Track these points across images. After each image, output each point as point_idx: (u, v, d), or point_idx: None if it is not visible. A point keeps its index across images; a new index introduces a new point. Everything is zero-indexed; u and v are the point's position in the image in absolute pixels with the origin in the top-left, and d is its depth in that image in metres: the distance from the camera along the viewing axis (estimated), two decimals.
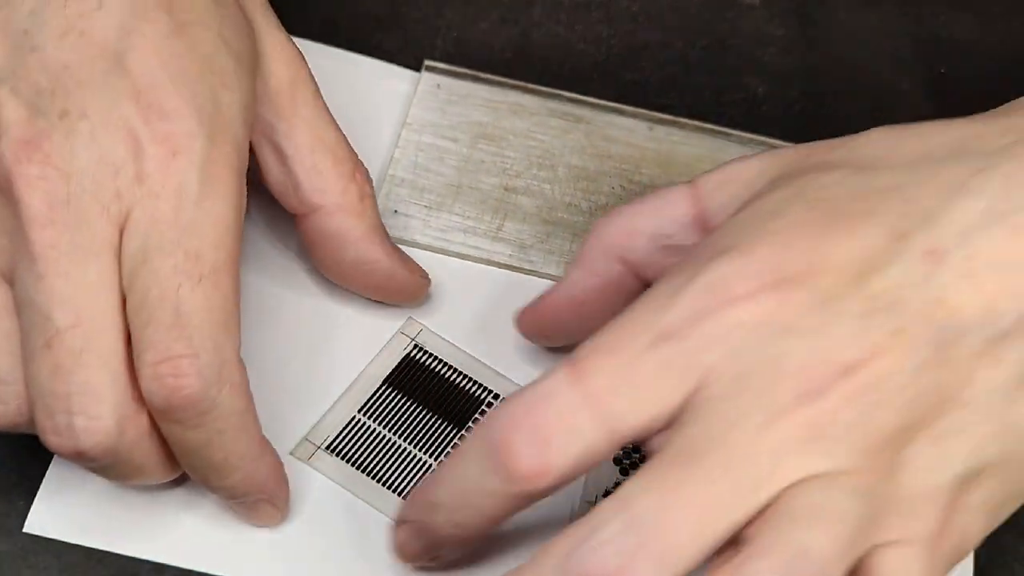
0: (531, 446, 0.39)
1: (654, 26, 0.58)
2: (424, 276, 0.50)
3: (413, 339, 0.50)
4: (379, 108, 0.55)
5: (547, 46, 0.57)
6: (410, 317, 0.51)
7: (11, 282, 0.42)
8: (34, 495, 0.47)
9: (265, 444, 0.44)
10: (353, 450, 0.48)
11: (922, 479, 0.38)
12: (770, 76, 0.57)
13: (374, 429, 0.48)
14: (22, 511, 0.47)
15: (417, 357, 0.50)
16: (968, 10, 0.58)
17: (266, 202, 0.49)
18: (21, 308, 0.41)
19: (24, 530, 0.47)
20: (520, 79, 0.56)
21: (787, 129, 0.55)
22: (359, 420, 0.49)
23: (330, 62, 0.55)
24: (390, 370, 0.49)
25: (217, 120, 0.43)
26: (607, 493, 0.47)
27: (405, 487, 0.48)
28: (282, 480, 0.45)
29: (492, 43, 0.57)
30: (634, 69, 0.57)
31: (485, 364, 0.50)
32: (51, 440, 0.41)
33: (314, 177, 0.47)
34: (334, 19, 0.57)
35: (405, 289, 0.49)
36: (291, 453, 0.48)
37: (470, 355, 0.50)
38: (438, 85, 0.55)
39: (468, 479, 0.40)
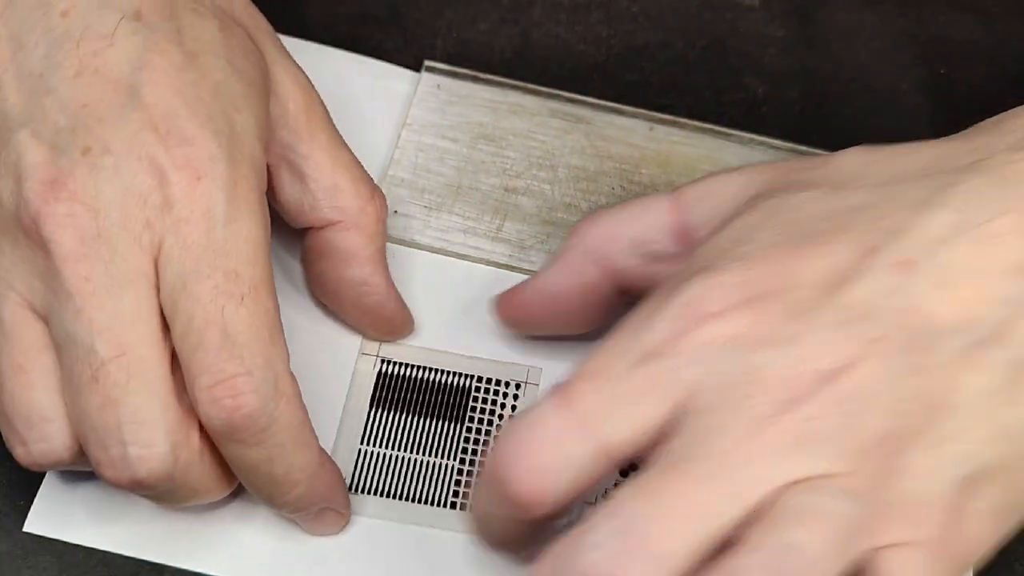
0: (527, 473, 0.39)
1: (654, 27, 0.58)
2: (411, 318, 0.50)
3: (377, 355, 0.50)
4: (379, 108, 0.55)
5: (547, 47, 0.57)
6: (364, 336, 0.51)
7: (46, 321, 0.42)
8: (34, 495, 0.47)
9: (324, 453, 0.45)
10: (375, 482, 0.48)
11: (921, 485, 0.38)
12: (770, 76, 0.57)
13: (384, 454, 0.48)
14: (22, 511, 0.47)
15: (390, 371, 0.50)
16: (968, 10, 0.58)
17: None
18: (62, 345, 0.42)
19: (24, 530, 0.47)
20: (520, 79, 0.56)
21: (787, 129, 0.55)
22: (366, 451, 0.49)
23: (330, 62, 0.55)
24: (371, 393, 0.49)
25: (234, 142, 0.43)
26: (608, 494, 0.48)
27: (435, 495, 0.48)
28: (343, 485, 0.46)
29: (492, 43, 0.57)
30: (634, 70, 0.57)
31: (456, 353, 0.50)
32: (107, 473, 0.42)
33: (333, 195, 0.48)
34: (334, 19, 0.57)
35: (392, 321, 0.50)
36: None
37: (437, 350, 0.50)
38: (438, 85, 0.55)
39: (483, 505, 0.42)
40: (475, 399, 0.49)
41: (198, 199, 0.42)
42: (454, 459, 0.48)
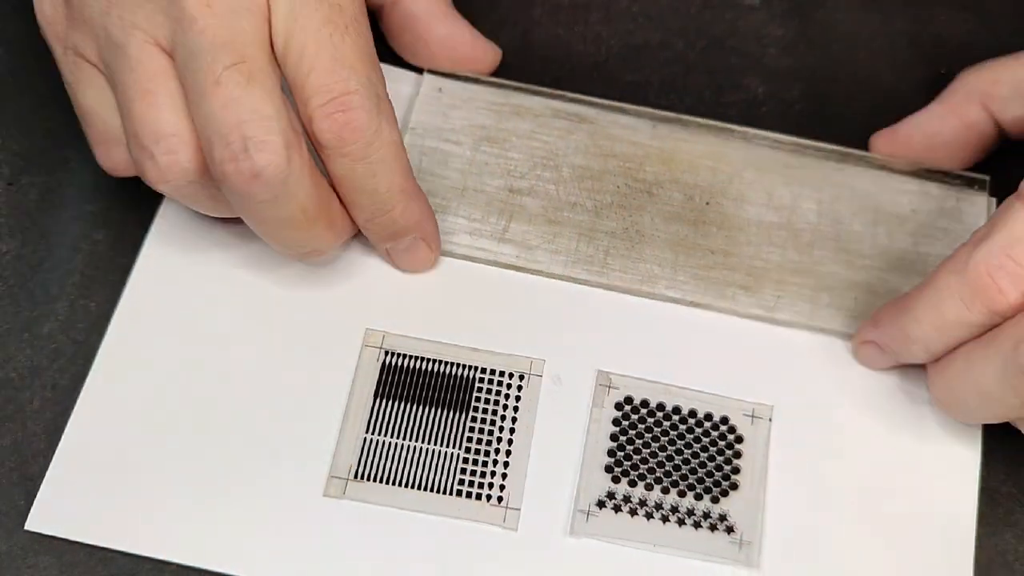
0: (1013, 282, 0.45)
1: (654, 27, 0.58)
2: (495, 48, 0.56)
3: (380, 346, 0.50)
4: None
5: (547, 47, 0.57)
6: (367, 328, 0.51)
7: (171, 55, 0.46)
8: (34, 495, 0.47)
9: (418, 185, 0.50)
10: (380, 469, 0.48)
11: None
12: (770, 76, 0.57)
13: (389, 443, 0.49)
14: (22, 511, 0.47)
15: (393, 362, 0.50)
16: (968, 10, 0.59)
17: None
18: (186, 65, 0.45)
19: (26, 528, 0.46)
20: (520, 80, 0.56)
21: (787, 129, 0.55)
22: (371, 440, 0.49)
23: None
24: (375, 384, 0.50)
25: None
26: (600, 503, 0.48)
27: (441, 483, 0.48)
28: (434, 219, 0.51)
29: None
30: (634, 70, 0.57)
31: (460, 346, 0.50)
32: (228, 168, 0.45)
33: None
34: None
35: (485, 56, 0.55)
36: (325, 495, 0.48)
37: (439, 342, 0.50)
38: (440, 89, 0.55)
39: (947, 315, 0.46)
40: (479, 390, 0.49)
41: None
42: (459, 448, 0.48)
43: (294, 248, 0.49)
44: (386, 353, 0.50)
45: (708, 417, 0.49)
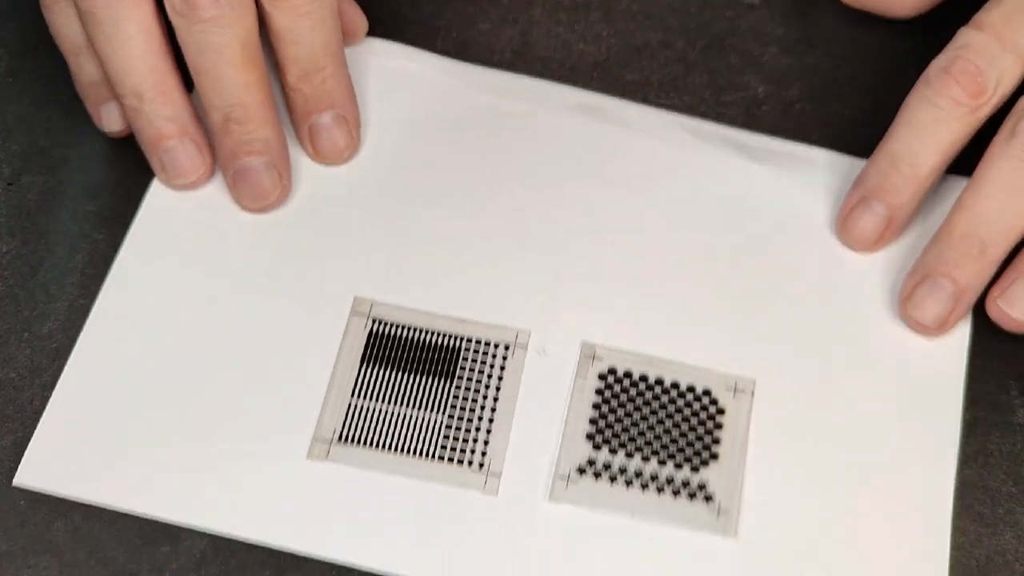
0: (965, 71, 0.51)
1: (654, 25, 0.58)
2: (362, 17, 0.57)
3: (368, 315, 0.51)
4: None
5: (547, 46, 0.57)
6: (356, 296, 0.51)
7: None
8: (34, 494, 0.47)
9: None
10: (364, 433, 0.48)
11: None
12: (770, 76, 0.57)
13: (374, 407, 0.49)
14: (22, 512, 0.47)
15: (381, 331, 0.50)
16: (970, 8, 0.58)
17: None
18: None
19: (14, 484, 0.47)
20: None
21: (787, 129, 0.55)
22: (356, 404, 0.49)
23: None
24: (362, 351, 0.50)
25: None
26: (580, 470, 0.48)
27: (424, 447, 0.48)
28: (356, 103, 0.54)
29: (492, 43, 0.57)
30: (634, 69, 0.57)
31: (446, 316, 0.51)
32: None
33: None
34: None
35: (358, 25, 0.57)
36: (308, 456, 0.48)
37: (426, 312, 0.51)
38: None
39: (921, 119, 0.51)
40: (464, 359, 0.50)
41: None
42: (443, 414, 0.49)
43: (223, 99, 0.50)
44: (374, 321, 0.50)
45: (691, 389, 0.49)
